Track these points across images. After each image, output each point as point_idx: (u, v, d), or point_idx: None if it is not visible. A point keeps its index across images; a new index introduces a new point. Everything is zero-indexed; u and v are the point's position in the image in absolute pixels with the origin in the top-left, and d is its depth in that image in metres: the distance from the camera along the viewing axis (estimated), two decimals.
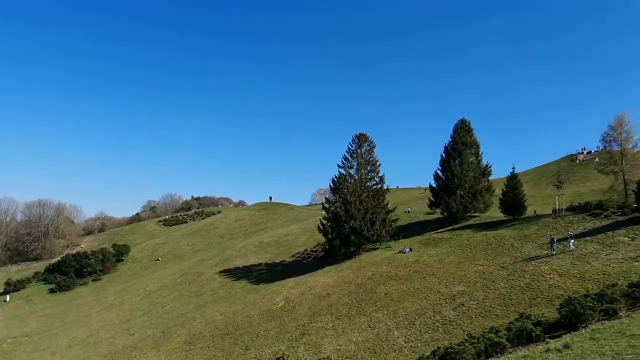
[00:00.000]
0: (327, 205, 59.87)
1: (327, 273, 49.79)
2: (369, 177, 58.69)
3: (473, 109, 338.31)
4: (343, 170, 58.61)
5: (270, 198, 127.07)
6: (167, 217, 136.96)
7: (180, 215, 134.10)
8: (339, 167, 58.85)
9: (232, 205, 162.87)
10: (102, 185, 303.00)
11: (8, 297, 78.93)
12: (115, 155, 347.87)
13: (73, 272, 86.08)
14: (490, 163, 61.00)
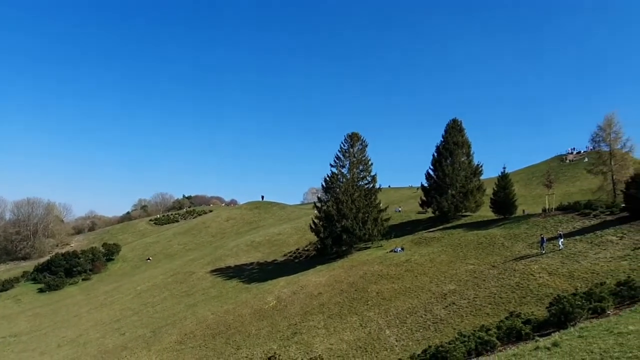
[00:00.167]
0: (319, 205, 59.90)
1: (319, 272, 49.81)
2: (361, 176, 58.80)
3: (465, 109, 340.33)
4: (335, 170, 58.68)
5: (262, 197, 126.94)
6: (158, 216, 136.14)
7: (172, 214, 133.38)
8: (331, 166, 59.00)
9: (223, 204, 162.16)
10: (92, 184, 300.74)
11: None
12: (106, 154, 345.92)
13: (62, 271, 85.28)
14: (482, 163, 61.59)
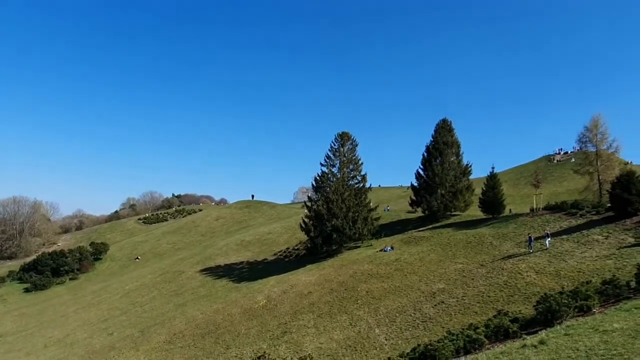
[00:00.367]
0: (309, 204, 59.91)
1: (309, 271, 49.82)
2: (352, 175, 58.91)
3: (455, 108, 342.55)
4: (325, 169, 58.71)
5: (253, 196, 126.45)
6: (147, 215, 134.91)
7: (161, 213, 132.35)
8: (322, 165, 58.96)
9: (213, 204, 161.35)
10: (80, 183, 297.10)
11: None
12: (94, 152, 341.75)
13: (49, 271, 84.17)
14: (471, 162, 62.04)
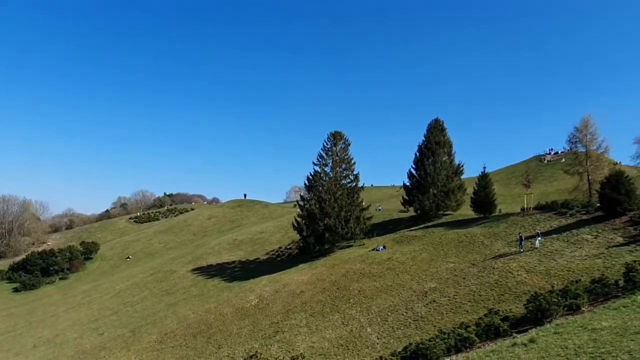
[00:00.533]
0: (301, 203, 59.89)
1: (301, 270, 49.81)
2: (344, 175, 58.96)
3: (449, 108, 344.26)
4: (318, 168, 58.71)
5: (245, 195, 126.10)
6: (138, 214, 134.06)
7: (152, 212, 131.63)
8: (314, 164, 58.99)
9: (205, 203, 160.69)
10: (70, 182, 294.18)
11: None
12: (85, 150, 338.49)
13: (39, 270, 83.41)
14: (462, 162, 62.33)
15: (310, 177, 58.82)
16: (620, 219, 37.10)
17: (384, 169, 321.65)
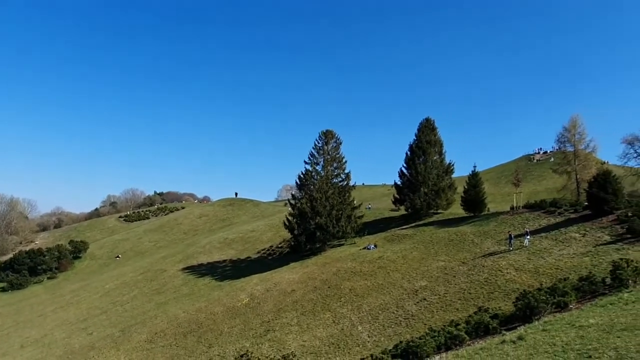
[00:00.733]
0: (293, 202, 59.83)
1: (292, 269, 49.79)
2: (335, 173, 59.01)
3: (439, 108, 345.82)
4: (309, 167, 58.72)
5: (236, 194, 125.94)
6: (128, 212, 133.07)
7: (142, 211, 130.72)
8: (306, 163, 58.99)
9: (196, 201, 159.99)
10: (59, 180, 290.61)
11: None
12: (74, 148, 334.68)
13: (26, 269, 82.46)
14: (453, 161, 62.63)
15: (302, 175, 58.78)
16: (608, 218, 37.58)
17: (376, 168, 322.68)
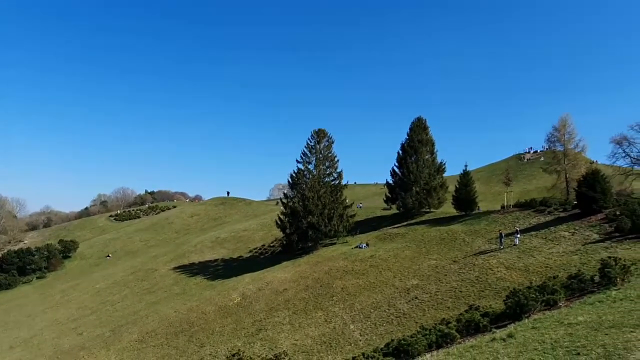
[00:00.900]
0: (285, 201, 59.76)
1: (284, 268, 49.76)
2: (328, 172, 59.04)
3: (430, 107, 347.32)
4: (302, 166, 58.70)
5: (228, 193, 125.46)
6: (118, 211, 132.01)
7: (133, 210, 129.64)
8: (298, 162, 58.96)
9: (188, 200, 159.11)
10: (48, 178, 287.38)
11: None
12: (64, 146, 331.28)
13: (15, 269, 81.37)
14: (445, 160, 63.01)
15: (294, 174, 58.73)
16: (596, 216, 38.06)
17: (368, 167, 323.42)
